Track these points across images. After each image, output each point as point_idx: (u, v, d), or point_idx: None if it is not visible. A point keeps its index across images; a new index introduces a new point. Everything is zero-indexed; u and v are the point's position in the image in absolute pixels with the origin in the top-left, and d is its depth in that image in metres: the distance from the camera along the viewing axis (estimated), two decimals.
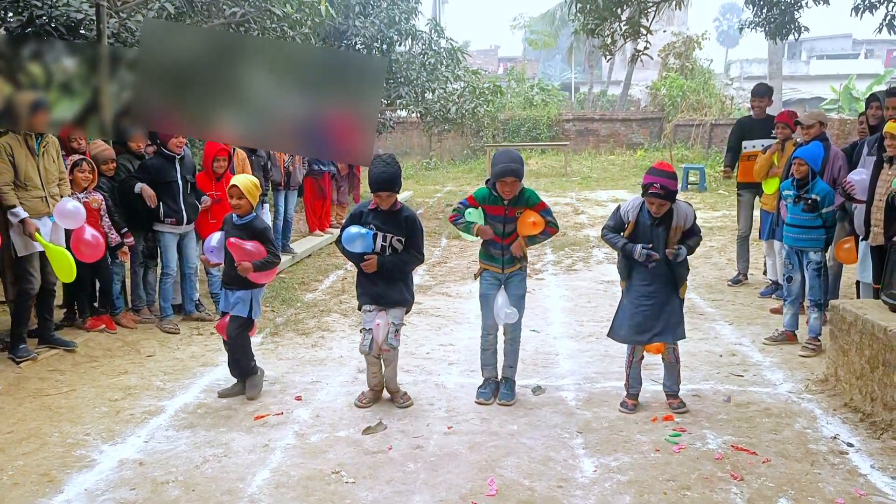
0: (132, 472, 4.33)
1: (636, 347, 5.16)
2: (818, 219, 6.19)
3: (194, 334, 7.00)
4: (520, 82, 30.79)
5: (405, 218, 5.22)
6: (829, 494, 3.98)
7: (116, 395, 5.51)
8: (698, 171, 18.28)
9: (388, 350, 5.15)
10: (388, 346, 5.14)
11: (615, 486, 4.11)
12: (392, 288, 5.20)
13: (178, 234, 7.17)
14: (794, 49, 51.41)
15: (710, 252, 10.60)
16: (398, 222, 5.18)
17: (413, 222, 5.26)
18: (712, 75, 30.09)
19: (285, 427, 4.96)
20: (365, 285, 5.26)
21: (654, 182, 4.82)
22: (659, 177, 4.82)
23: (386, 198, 5.09)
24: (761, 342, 6.59)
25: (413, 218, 5.28)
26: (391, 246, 5.17)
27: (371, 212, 5.18)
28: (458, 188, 19.64)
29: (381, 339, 5.12)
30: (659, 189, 4.81)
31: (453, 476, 4.24)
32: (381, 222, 5.16)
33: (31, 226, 5.87)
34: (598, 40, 12.69)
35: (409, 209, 5.31)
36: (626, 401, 5.20)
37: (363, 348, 5.20)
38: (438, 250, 11.07)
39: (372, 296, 5.22)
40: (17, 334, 6.10)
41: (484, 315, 5.39)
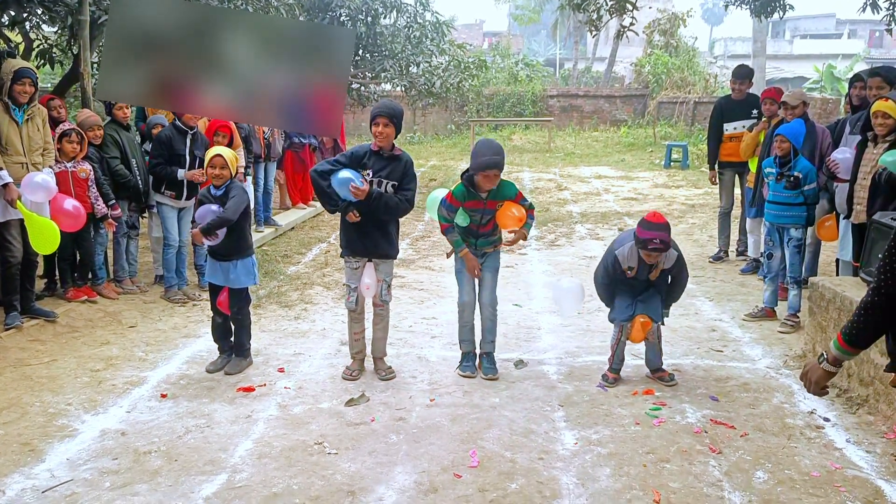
0: (114, 441, 4.33)
1: (624, 327, 5.20)
2: (800, 196, 6.23)
3: (176, 305, 6.98)
4: (504, 57, 30.67)
5: (405, 162, 5.17)
6: (805, 468, 4.05)
7: (98, 366, 5.49)
8: (681, 149, 18.33)
9: (382, 305, 5.20)
10: (381, 302, 5.18)
11: (595, 459, 4.16)
12: (381, 238, 5.17)
13: (178, 208, 7.12)
14: (777, 28, 51.50)
15: (691, 229, 10.67)
16: (397, 167, 5.12)
17: (411, 166, 5.21)
18: (696, 53, 30.13)
19: (268, 398, 4.97)
20: (351, 235, 5.18)
21: (653, 238, 4.83)
22: (657, 231, 4.83)
23: (384, 126, 5.02)
24: (741, 318, 6.65)
25: (411, 163, 5.24)
26: (385, 191, 5.11)
27: (372, 154, 5.11)
28: (441, 162, 19.60)
29: (375, 296, 5.17)
30: (659, 244, 4.84)
31: (435, 448, 4.27)
32: (381, 167, 5.10)
33: (14, 192, 5.81)
34: (583, 15, 12.64)
35: (407, 154, 5.25)
36: (608, 374, 5.25)
37: (349, 304, 5.23)
38: (422, 224, 11.07)
39: (358, 248, 5.18)
40: (8, 302, 6.07)
41: (459, 291, 5.43)
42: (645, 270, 5.10)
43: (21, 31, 9.43)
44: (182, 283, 7.30)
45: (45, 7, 7.92)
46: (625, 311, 5.18)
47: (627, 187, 15.05)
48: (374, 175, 5.08)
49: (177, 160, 6.99)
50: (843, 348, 2.74)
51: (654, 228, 4.85)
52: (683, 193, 14.09)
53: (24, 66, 6.14)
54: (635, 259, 5.04)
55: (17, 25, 9.01)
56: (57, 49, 10.18)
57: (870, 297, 2.62)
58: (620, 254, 5.09)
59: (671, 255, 5.06)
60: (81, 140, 6.64)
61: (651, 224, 4.87)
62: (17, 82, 5.92)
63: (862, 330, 2.67)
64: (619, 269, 5.11)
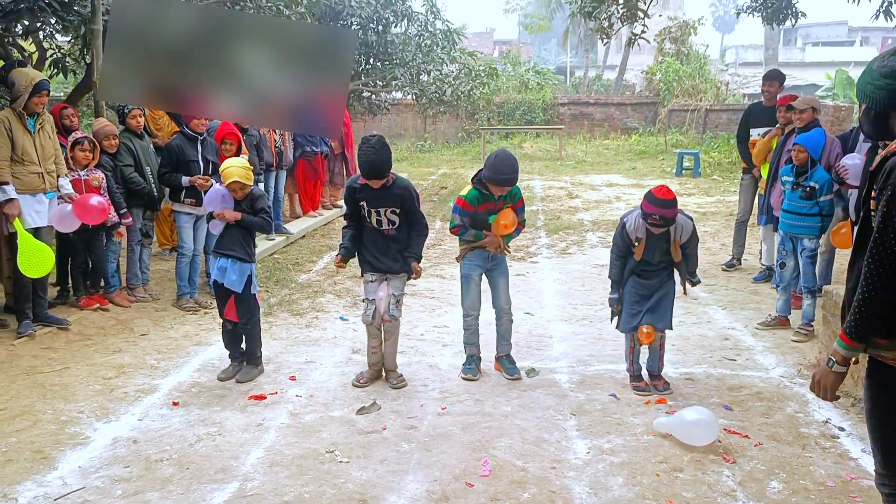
0: (126, 449, 4.34)
1: (635, 336, 5.18)
2: (815, 206, 6.19)
3: (188, 314, 6.99)
4: (515, 65, 30.66)
5: (399, 192, 5.15)
6: (819, 477, 4.01)
7: (110, 374, 5.51)
8: (693, 157, 18.28)
9: (390, 321, 5.22)
10: (389, 317, 5.20)
11: (608, 468, 4.14)
12: (396, 260, 5.24)
13: (195, 216, 7.14)
14: (789, 35, 51.37)
15: (703, 237, 10.61)
16: (391, 196, 5.14)
17: (407, 193, 5.18)
18: (708, 61, 30.05)
19: (279, 406, 4.96)
20: (367, 256, 5.28)
21: (653, 213, 4.85)
22: (658, 207, 4.83)
23: (376, 182, 5.05)
24: (754, 327, 6.61)
25: (406, 188, 5.20)
26: (387, 218, 5.15)
27: (363, 187, 5.13)
28: (452, 171, 19.61)
29: (383, 310, 5.18)
30: (658, 220, 4.86)
31: (447, 456, 4.26)
32: (373, 197, 5.13)
33: (15, 208, 5.85)
34: (594, 23, 12.65)
35: (401, 180, 5.22)
36: (639, 384, 5.22)
37: (366, 318, 5.25)
38: (433, 233, 11.03)
39: (374, 265, 5.25)
40: (21, 310, 6.09)
41: (465, 295, 5.48)
42: (655, 250, 5.08)
43: (34, 41, 9.49)
44: (194, 291, 7.31)
45: (58, 17, 7.95)
46: (630, 321, 5.16)
47: (638, 195, 14.94)
48: (367, 205, 5.13)
49: (189, 167, 7.01)
50: (849, 346, 2.76)
51: (656, 204, 4.84)
52: (695, 201, 14.04)
53: (42, 78, 6.19)
54: (643, 230, 5.02)
55: (31, 35, 9.07)
56: (70, 58, 10.25)
57: (867, 291, 2.62)
58: (628, 222, 5.10)
59: (686, 227, 5.04)
60: (94, 149, 6.68)
61: (655, 199, 4.86)
62: (37, 94, 5.96)
63: (866, 323, 2.69)
64: (627, 239, 5.11)
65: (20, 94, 5.91)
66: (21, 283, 6.07)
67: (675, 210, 4.89)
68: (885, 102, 2.69)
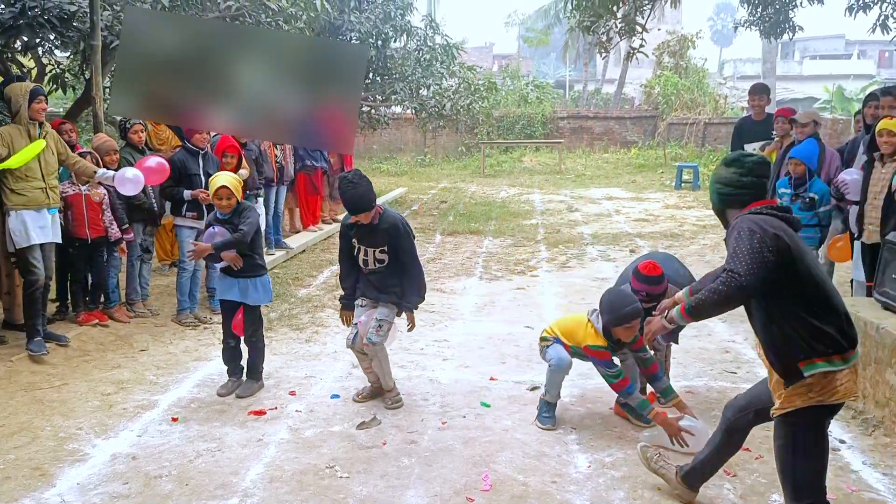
0: (125, 465, 4.32)
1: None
2: (814, 217, 6.20)
3: (187, 329, 6.98)
4: (514, 79, 30.79)
5: (385, 230, 5.02)
6: None
7: (109, 389, 5.49)
8: (692, 170, 18.32)
9: (368, 345, 5.07)
10: (367, 342, 5.07)
11: (609, 482, 4.12)
12: (388, 294, 5.17)
13: (197, 230, 7.13)
14: (787, 49, 51.55)
15: (703, 250, 10.63)
16: (378, 234, 5.03)
17: (395, 232, 5.03)
18: (706, 74, 30.18)
19: (279, 422, 4.95)
20: (360, 285, 5.24)
21: (640, 290, 4.76)
22: (644, 284, 4.75)
23: (363, 217, 4.95)
24: (754, 339, 6.58)
25: (394, 227, 5.03)
26: (375, 258, 5.08)
27: (353, 225, 5.07)
28: (452, 185, 19.63)
29: (363, 334, 5.10)
30: (645, 297, 4.73)
31: (447, 471, 4.24)
32: (363, 235, 5.07)
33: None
34: (593, 37, 12.70)
35: (389, 217, 5.06)
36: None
37: (347, 342, 5.23)
38: (433, 247, 11.06)
39: (367, 294, 5.21)
40: (31, 326, 6.06)
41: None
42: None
43: (34, 57, 9.53)
44: (194, 306, 7.30)
45: (57, 32, 8.00)
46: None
47: (638, 208, 15.03)
48: (359, 243, 5.09)
49: (192, 180, 7.04)
50: (684, 318, 3.28)
51: (643, 281, 4.75)
52: (695, 214, 14.05)
53: (36, 84, 6.22)
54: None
55: (30, 50, 9.11)
56: (69, 74, 10.27)
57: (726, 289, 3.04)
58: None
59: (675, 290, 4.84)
60: (96, 164, 6.68)
61: (641, 276, 4.76)
62: (35, 101, 5.95)
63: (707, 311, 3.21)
64: None
65: (19, 105, 5.88)
66: (33, 299, 6.01)
67: (664, 286, 4.78)
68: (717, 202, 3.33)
